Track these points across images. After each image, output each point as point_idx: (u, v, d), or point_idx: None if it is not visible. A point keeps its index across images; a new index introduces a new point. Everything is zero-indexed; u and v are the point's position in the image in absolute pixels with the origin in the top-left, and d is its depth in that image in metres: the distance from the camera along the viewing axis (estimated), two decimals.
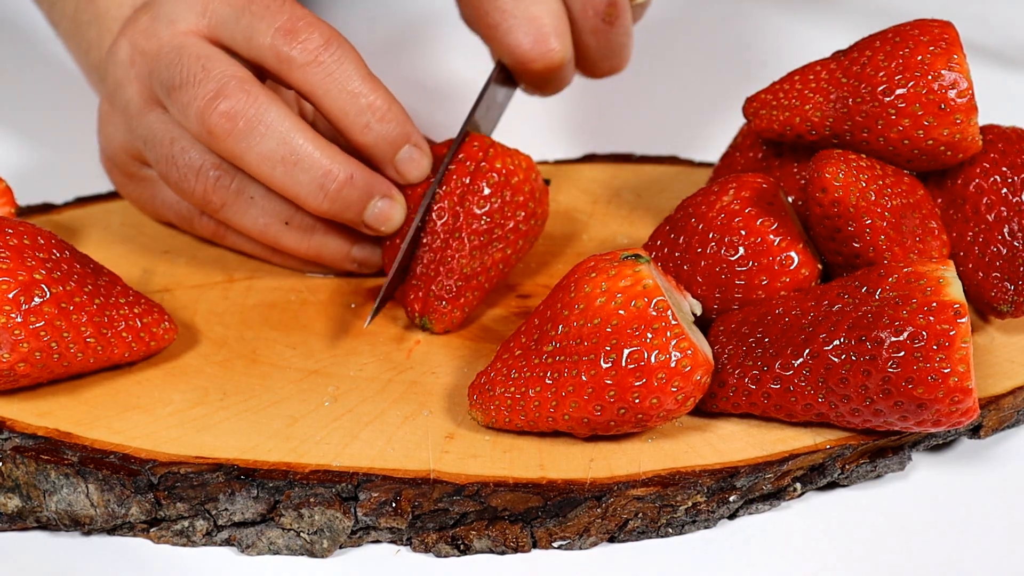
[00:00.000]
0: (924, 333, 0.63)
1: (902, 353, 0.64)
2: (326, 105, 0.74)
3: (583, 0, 0.80)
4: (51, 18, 0.89)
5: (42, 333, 0.67)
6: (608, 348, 0.65)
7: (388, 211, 0.75)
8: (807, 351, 0.66)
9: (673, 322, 0.64)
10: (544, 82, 0.82)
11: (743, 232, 0.70)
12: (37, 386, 0.70)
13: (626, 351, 0.64)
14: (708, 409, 0.69)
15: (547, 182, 0.77)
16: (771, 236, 0.70)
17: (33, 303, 0.67)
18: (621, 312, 0.65)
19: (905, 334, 0.64)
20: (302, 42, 0.73)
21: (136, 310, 0.71)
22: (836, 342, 0.65)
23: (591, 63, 0.84)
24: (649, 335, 0.64)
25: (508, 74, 0.83)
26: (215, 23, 0.75)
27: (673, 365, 0.64)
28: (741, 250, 0.70)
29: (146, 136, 0.77)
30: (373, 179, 0.75)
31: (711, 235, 0.71)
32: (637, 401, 0.64)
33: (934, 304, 0.64)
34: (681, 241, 0.72)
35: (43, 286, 0.68)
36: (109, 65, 0.78)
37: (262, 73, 0.76)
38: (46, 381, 0.70)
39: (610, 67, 0.85)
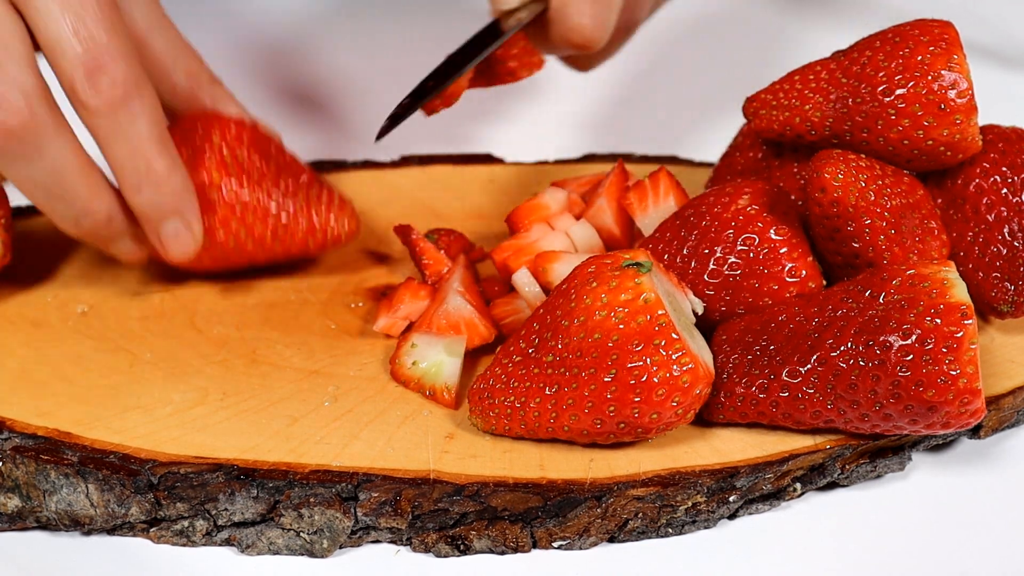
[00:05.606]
0: (932, 336, 0.63)
1: (911, 356, 0.64)
2: (107, 155, 0.70)
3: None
4: None
5: (235, 207, 0.74)
6: (609, 363, 0.64)
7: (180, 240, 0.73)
8: (815, 357, 0.66)
9: (674, 337, 0.64)
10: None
11: (756, 239, 0.70)
12: (37, 387, 0.70)
13: (627, 367, 0.64)
14: (715, 420, 0.68)
15: None
16: (783, 246, 0.70)
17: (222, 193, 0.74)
18: (621, 327, 0.64)
19: (913, 337, 0.64)
20: (101, 88, 0.68)
21: (322, 203, 0.77)
22: (843, 347, 0.65)
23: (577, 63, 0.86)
24: (650, 351, 0.64)
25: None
26: None
27: (674, 381, 0.64)
28: (753, 256, 0.70)
29: None
30: (128, 222, 0.72)
31: (725, 234, 0.70)
32: (637, 416, 0.64)
33: (941, 306, 0.64)
34: (693, 237, 0.71)
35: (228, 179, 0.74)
36: None
37: None
38: (226, 268, 0.77)
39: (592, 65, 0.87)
